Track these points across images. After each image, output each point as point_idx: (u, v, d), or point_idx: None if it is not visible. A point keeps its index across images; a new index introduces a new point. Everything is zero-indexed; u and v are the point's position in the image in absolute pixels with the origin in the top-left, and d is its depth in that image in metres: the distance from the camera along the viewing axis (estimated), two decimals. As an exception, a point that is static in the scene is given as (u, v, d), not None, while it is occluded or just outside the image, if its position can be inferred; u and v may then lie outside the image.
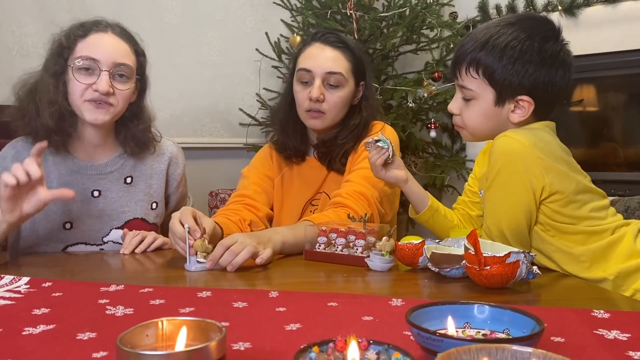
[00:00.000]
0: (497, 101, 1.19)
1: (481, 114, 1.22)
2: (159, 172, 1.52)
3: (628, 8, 2.79)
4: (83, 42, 1.34)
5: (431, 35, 2.98)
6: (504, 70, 1.16)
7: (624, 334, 0.73)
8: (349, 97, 1.51)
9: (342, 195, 1.42)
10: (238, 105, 3.24)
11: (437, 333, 0.58)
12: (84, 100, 1.33)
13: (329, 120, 1.50)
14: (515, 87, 1.16)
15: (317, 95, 1.46)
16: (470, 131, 1.27)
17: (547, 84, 1.17)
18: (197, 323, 0.57)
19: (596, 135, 3.20)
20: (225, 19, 3.24)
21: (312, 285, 1.04)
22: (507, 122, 1.21)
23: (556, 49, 1.18)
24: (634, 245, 1.14)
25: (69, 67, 1.33)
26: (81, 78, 1.32)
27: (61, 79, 1.33)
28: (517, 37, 1.16)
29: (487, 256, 0.93)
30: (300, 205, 1.56)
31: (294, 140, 1.57)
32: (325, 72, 1.47)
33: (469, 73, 1.20)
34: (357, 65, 1.52)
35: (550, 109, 1.23)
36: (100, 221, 1.44)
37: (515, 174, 1.11)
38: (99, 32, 1.36)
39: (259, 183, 1.59)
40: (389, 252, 1.12)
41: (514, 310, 0.65)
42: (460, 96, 1.25)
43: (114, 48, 1.36)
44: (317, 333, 0.73)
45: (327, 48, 1.49)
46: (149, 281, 1.04)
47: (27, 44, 2.76)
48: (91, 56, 1.32)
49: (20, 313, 0.83)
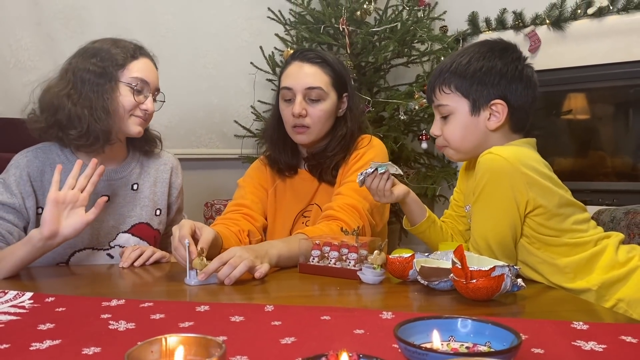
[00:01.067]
0: (472, 110, 1.26)
1: (460, 126, 1.28)
2: (163, 180, 1.60)
3: (613, 22, 2.86)
4: (136, 63, 1.46)
5: (422, 49, 3.04)
6: (473, 78, 1.25)
7: (600, 345, 0.78)
8: (331, 110, 1.56)
9: (334, 209, 1.46)
10: (233, 117, 3.29)
11: (423, 347, 0.62)
12: (131, 114, 1.45)
13: (314, 134, 1.55)
14: (487, 92, 1.24)
15: (298, 111, 1.51)
16: (453, 147, 1.32)
17: (517, 87, 1.25)
18: (198, 340, 0.60)
19: (584, 145, 3.27)
20: (221, 33, 3.29)
21: (307, 299, 1.08)
22: (487, 133, 1.27)
23: (519, 66, 1.27)
24: (615, 256, 1.19)
25: (121, 82, 1.44)
26: (133, 96, 1.44)
27: (112, 91, 1.43)
28: (480, 52, 1.27)
29: (473, 270, 0.98)
30: (292, 216, 1.60)
31: (285, 155, 1.62)
32: (305, 88, 1.52)
33: (442, 91, 1.28)
34: (337, 79, 1.56)
35: (524, 117, 1.29)
36: (108, 226, 1.48)
37: (500, 189, 1.16)
38: (146, 57, 1.50)
39: (256, 193, 1.63)
40: (380, 265, 1.16)
41: (495, 324, 0.69)
42: (438, 118, 1.32)
43: (155, 74, 1.51)
44: (311, 346, 0.77)
45: (306, 65, 1.55)
46: (149, 295, 1.07)
47: (23, 57, 2.79)
48: (145, 79, 1.46)
49: (26, 328, 0.86)
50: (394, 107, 2.87)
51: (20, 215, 1.40)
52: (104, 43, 1.47)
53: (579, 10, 2.93)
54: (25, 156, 1.45)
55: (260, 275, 1.17)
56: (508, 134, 1.28)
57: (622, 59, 2.87)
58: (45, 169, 1.44)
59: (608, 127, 3.19)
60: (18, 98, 2.52)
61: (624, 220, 1.82)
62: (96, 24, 2.91)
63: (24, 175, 1.41)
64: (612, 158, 3.16)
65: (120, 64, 1.43)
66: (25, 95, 1.46)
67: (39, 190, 1.43)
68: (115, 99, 1.42)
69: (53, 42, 2.83)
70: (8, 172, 1.43)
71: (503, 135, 1.27)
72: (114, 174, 1.52)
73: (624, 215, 1.84)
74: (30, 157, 1.44)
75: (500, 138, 1.27)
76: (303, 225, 1.58)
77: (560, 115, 3.27)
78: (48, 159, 1.45)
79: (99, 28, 2.90)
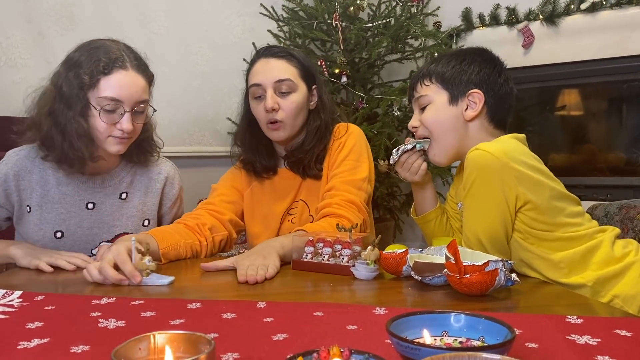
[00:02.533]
0: (450, 100, 1.30)
1: (438, 112, 1.31)
2: (154, 191, 1.55)
3: (607, 17, 2.86)
4: (106, 80, 1.35)
5: (416, 45, 3.03)
6: (452, 70, 1.31)
7: (594, 339, 0.77)
8: (303, 102, 1.54)
9: (332, 206, 1.44)
10: (226, 114, 3.26)
11: (415, 342, 0.61)
12: (107, 135, 1.38)
13: (289, 127, 1.53)
14: (465, 84, 1.29)
15: (271, 105, 1.49)
16: (436, 139, 1.33)
17: (495, 80, 1.30)
18: (187, 336, 0.60)
19: (578, 140, 3.27)
20: (213, 29, 3.27)
21: (299, 295, 1.07)
22: (465, 124, 1.29)
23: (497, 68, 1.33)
24: (611, 251, 1.18)
25: (92, 105, 1.36)
26: (106, 118, 1.36)
27: (86, 114, 1.36)
28: (462, 52, 1.37)
29: (466, 265, 0.97)
30: (278, 216, 1.58)
31: (261, 157, 1.61)
32: (275, 82, 1.50)
33: (423, 84, 1.33)
34: (304, 70, 1.55)
35: (502, 111, 1.31)
36: (91, 233, 1.46)
37: (489, 185, 1.16)
38: (121, 70, 1.37)
39: (226, 194, 1.62)
40: (373, 261, 1.16)
41: (488, 318, 0.69)
42: (417, 111, 1.35)
43: (136, 87, 1.39)
44: (303, 343, 0.76)
45: (272, 59, 1.54)
46: (140, 293, 1.06)
47: (14, 55, 2.76)
48: (116, 97, 1.35)
49: (15, 327, 0.85)
50: (388, 104, 2.87)
51: (2, 208, 1.46)
52: (82, 53, 1.38)
53: (572, 5, 2.93)
54: (17, 154, 1.45)
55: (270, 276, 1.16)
56: (488, 129, 1.30)
57: (616, 54, 2.88)
58: (34, 169, 1.44)
59: (602, 123, 3.20)
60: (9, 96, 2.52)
61: (618, 215, 1.82)
62: (87, 21, 2.89)
63: (10, 174, 1.42)
64: (605, 153, 3.16)
65: (88, 84, 1.34)
66: (16, 93, 1.45)
67: (25, 189, 1.43)
68: (89, 122, 1.36)
69: (44, 39, 2.80)
70: None
71: (481, 128, 1.29)
72: (102, 182, 1.49)
73: (617, 210, 1.84)
74: (21, 156, 1.44)
75: (480, 130, 1.29)
76: (290, 223, 1.57)
77: (554, 111, 3.27)
78: (39, 159, 1.44)
79: (90, 25, 2.88)
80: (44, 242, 1.42)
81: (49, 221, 1.43)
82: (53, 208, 1.44)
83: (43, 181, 1.44)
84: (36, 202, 1.43)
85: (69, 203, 1.45)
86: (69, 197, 1.45)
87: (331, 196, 1.48)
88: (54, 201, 1.44)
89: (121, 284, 1.11)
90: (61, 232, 1.44)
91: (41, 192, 1.43)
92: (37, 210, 1.43)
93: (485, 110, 1.29)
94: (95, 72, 1.34)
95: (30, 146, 1.45)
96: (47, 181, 1.44)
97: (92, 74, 1.34)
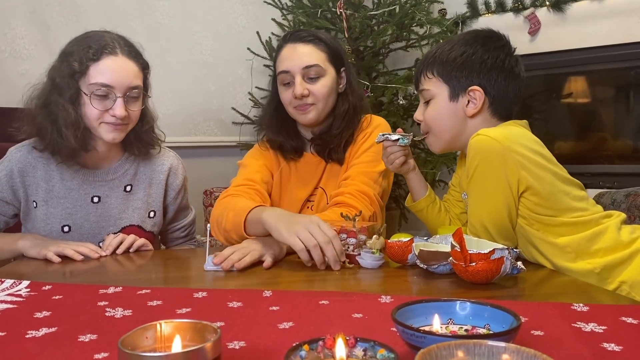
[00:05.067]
0: (451, 96, 1.28)
1: (439, 111, 1.30)
2: (159, 182, 1.55)
3: (614, 3, 2.83)
4: (96, 66, 1.34)
5: (421, 32, 3.01)
6: (453, 64, 1.27)
7: (600, 327, 0.77)
8: (333, 85, 1.52)
9: (344, 195, 1.44)
10: (231, 104, 3.27)
11: (420, 330, 0.61)
12: (100, 122, 1.38)
13: (320, 110, 1.51)
14: (465, 79, 1.27)
15: (300, 92, 1.47)
16: (434, 133, 1.33)
17: (497, 77, 1.26)
18: (193, 325, 0.60)
19: (585, 128, 3.25)
20: (217, 19, 3.26)
21: (305, 284, 1.07)
22: (465, 119, 1.28)
23: (501, 55, 1.27)
24: (618, 237, 1.17)
25: (83, 92, 1.36)
26: (97, 104, 1.36)
27: (77, 102, 1.36)
28: (465, 40, 1.31)
29: (472, 253, 0.97)
30: (299, 203, 1.57)
31: (289, 139, 1.58)
32: (303, 68, 1.48)
33: (426, 76, 1.31)
34: (332, 54, 1.53)
35: (507, 106, 1.29)
36: (98, 226, 1.47)
37: (491, 170, 1.15)
38: (110, 56, 1.36)
39: (263, 171, 1.57)
40: (379, 249, 1.16)
41: (494, 306, 0.69)
42: (422, 103, 1.34)
43: (127, 72, 1.37)
44: (309, 331, 0.77)
45: (299, 45, 1.51)
46: (147, 282, 1.07)
47: (18, 46, 2.77)
48: (106, 83, 1.35)
49: (23, 316, 0.86)
50: (393, 92, 2.85)
51: (9, 205, 1.46)
52: (74, 44, 1.38)
53: (579, -9, 2.90)
54: (19, 151, 1.46)
55: (267, 265, 1.17)
56: (490, 121, 1.28)
57: (623, 41, 2.84)
58: (37, 165, 1.44)
59: (609, 110, 3.17)
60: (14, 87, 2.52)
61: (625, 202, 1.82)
62: (91, 11, 2.88)
63: (15, 170, 1.43)
64: (612, 141, 3.14)
65: (78, 71, 1.34)
66: (22, 84, 1.45)
67: (30, 185, 1.44)
68: (78, 110, 1.36)
69: (48, 30, 2.80)
70: (2, 163, 1.45)
71: (483, 121, 1.27)
72: (106, 175, 1.49)
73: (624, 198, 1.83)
74: (24, 152, 1.45)
75: (482, 124, 1.26)
76: (309, 210, 1.56)
77: (561, 99, 3.25)
78: (42, 154, 1.45)
79: (94, 15, 2.87)
80: (52, 236, 1.43)
81: (56, 216, 1.44)
82: (59, 203, 1.44)
83: (47, 177, 1.44)
84: (42, 197, 1.44)
85: (75, 197, 1.45)
86: (74, 192, 1.45)
87: (345, 185, 1.47)
88: (59, 196, 1.44)
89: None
90: (68, 226, 1.45)
91: (46, 188, 1.44)
92: (44, 205, 1.44)
93: (487, 105, 1.27)
94: (85, 59, 1.34)
95: (31, 142, 1.46)
96: (51, 177, 1.44)
97: (82, 61, 1.34)
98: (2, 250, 1.40)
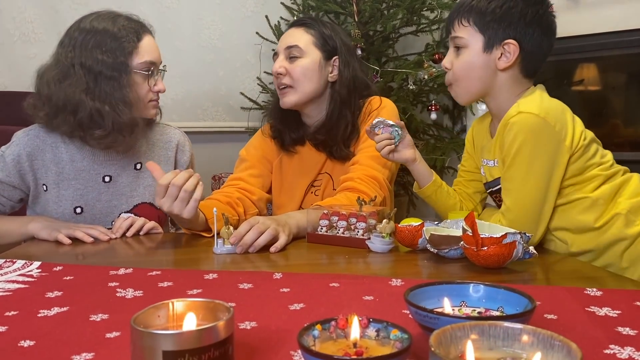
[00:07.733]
0: (485, 47, 1.26)
1: (470, 61, 1.28)
2: (167, 159, 1.56)
3: (628, -13, 2.78)
4: (142, 45, 1.42)
5: (431, 17, 2.97)
6: (492, 15, 1.24)
7: (614, 311, 0.76)
8: (312, 68, 1.51)
9: (354, 180, 1.43)
10: (239, 89, 3.25)
11: (434, 311, 0.61)
12: (148, 100, 1.45)
13: (298, 93, 1.51)
14: (502, 31, 1.24)
15: (276, 68, 1.52)
16: (460, 84, 1.31)
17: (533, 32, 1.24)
18: (205, 304, 0.60)
19: (597, 115, 3.21)
20: (225, 2, 3.23)
21: (315, 267, 1.07)
22: (496, 72, 1.26)
23: (540, 11, 1.25)
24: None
25: (132, 71, 1.40)
26: (145, 82, 1.43)
27: (128, 82, 1.39)
28: None
29: (484, 237, 0.96)
30: (302, 189, 1.58)
31: (290, 129, 1.59)
32: (285, 47, 1.53)
33: (461, 24, 1.28)
34: (321, 39, 1.54)
35: (536, 63, 1.29)
36: (110, 205, 1.48)
37: (539, 146, 1.16)
38: (147, 34, 1.45)
39: (256, 166, 1.61)
40: (389, 234, 1.15)
41: (507, 289, 0.68)
42: (452, 50, 1.32)
43: (158, 49, 1.48)
44: (320, 312, 0.77)
45: (291, 29, 1.58)
46: (157, 264, 1.07)
47: (27, 30, 2.76)
48: (152, 60, 1.44)
49: (35, 296, 0.86)
50: (403, 77, 2.82)
51: (16, 190, 1.45)
52: (104, 23, 1.39)
53: (593, -25, 2.85)
54: (27, 134, 1.45)
55: (275, 250, 1.17)
56: (517, 78, 1.27)
57: (636, 26, 2.80)
58: (46, 148, 1.44)
59: (621, 96, 3.13)
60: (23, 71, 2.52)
61: (637, 189, 1.80)
62: (100, -5, 2.86)
63: (23, 154, 1.42)
64: (625, 128, 3.10)
65: (129, 51, 1.39)
66: (31, 68, 1.44)
67: (39, 168, 1.44)
68: (132, 89, 1.40)
69: (57, 13, 2.79)
70: (10, 147, 1.44)
71: (511, 77, 1.27)
72: (115, 155, 1.49)
73: (636, 185, 1.82)
74: (32, 136, 1.44)
75: (508, 80, 1.26)
76: (313, 195, 1.56)
77: (572, 85, 3.21)
78: (50, 137, 1.44)
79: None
80: (64, 218, 1.44)
81: (67, 198, 1.44)
82: (70, 185, 1.44)
83: (57, 159, 1.44)
84: (52, 180, 1.44)
85: (85, 178, 1.45)
86: (84, 173, 1.45)
87: (354, 170, 1.47)
88: (70, 178, 1.44)
89: None
90: (80, 207, 1.45)
91: (56, 170, 1.44)
92: (54, 188, 1.44)
93: (519, 61, 1.25)
94: (132, 38, 1.41)
95: (38, 125, 1.45)
96: (60, 159, 1.44)
97: (130, 40, 1.40)
98: (13, 233, 1.40)
